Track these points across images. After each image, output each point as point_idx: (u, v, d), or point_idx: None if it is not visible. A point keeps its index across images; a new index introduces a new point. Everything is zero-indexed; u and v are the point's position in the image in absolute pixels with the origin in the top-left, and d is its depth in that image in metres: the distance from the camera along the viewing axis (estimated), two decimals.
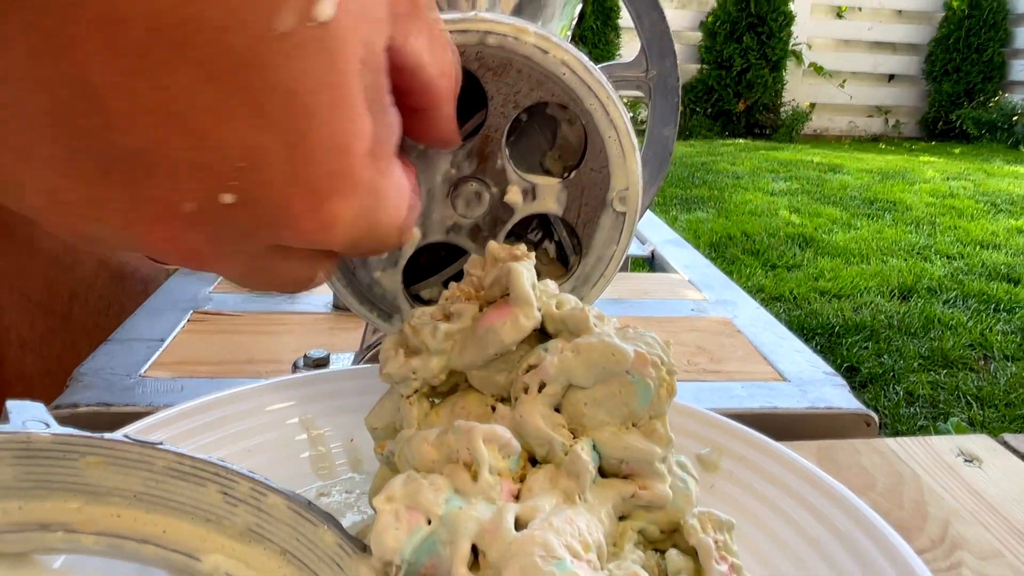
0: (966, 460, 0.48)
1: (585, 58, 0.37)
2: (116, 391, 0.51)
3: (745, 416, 0.52)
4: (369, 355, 0.51)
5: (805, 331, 2.27)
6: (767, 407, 0.53)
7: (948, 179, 4.69)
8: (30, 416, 0.27)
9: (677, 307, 0.74)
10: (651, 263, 0.96)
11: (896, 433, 1.75)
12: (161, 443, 0.26)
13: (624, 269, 0.91)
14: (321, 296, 0.71)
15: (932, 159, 5.65)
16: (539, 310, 0.29)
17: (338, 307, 0.68)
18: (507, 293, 0.30)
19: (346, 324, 0.65)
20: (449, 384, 0.31)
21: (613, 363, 0.27)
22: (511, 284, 0.29)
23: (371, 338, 0.53)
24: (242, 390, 0.43)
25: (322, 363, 0.53)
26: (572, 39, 0.51)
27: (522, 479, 0.27)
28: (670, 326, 0.68)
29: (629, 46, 6.18)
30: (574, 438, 0.28)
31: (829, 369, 0.60)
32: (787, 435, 0.52)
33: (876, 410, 1.84)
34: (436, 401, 0.31)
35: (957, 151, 6.19)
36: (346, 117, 0.19)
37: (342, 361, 0.55)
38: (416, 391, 0.30)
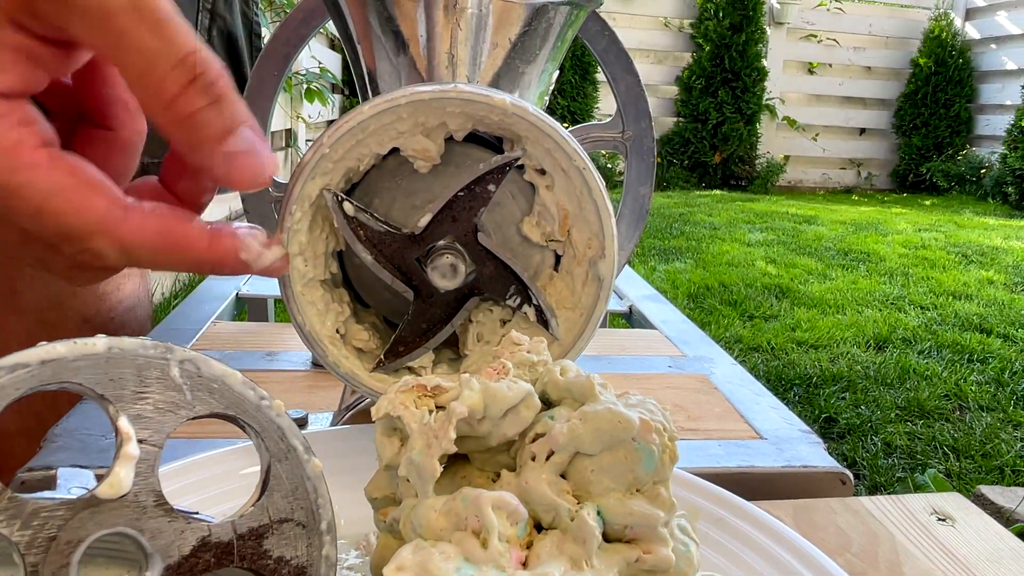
0: (939, 519, 0.49)
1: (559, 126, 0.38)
2: (91, 452, 0.51)
3: (722, 475, 0.52)
4: (348, 415, 0.51)
5: (783, 382, 2.29)
6: (744, 466, 0.54)
7: (920, 230, 4.78)
8: (77, 483, 0.28)
9: (654, 363, 0.74)
10: (629, 318, 0.96)
11: (875, 485, 1.75)
12: (197, 512, 0.26)
13: (602, 325, 0.92)
14: (299, 354, 0.71)
15: (904, 211, 5.76)
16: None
17: (317, 365, 0.68)
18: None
19: (325, 382, 0.65)
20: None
21: (620, 431, 0.28)
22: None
23: (350, 398, 0.53)
24: (219, 452, 0.43)
25: (301, 424, 0.53)
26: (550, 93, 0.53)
27: (529, 546, 0.27)
28: (648, 383, 0.69)
29: (607, 100, 6.30)
30: (578, 503, 0.28)
31: (804, 427, 0.60)
32: (763, 494, 0.52)
33: (854, 462, 1.85)
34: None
35: (928, 203, 6.32)
36: None
37: (321, 422, 0.55)
38: None
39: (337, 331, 0.41)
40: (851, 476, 0.54)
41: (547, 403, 0.31)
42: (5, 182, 0.25)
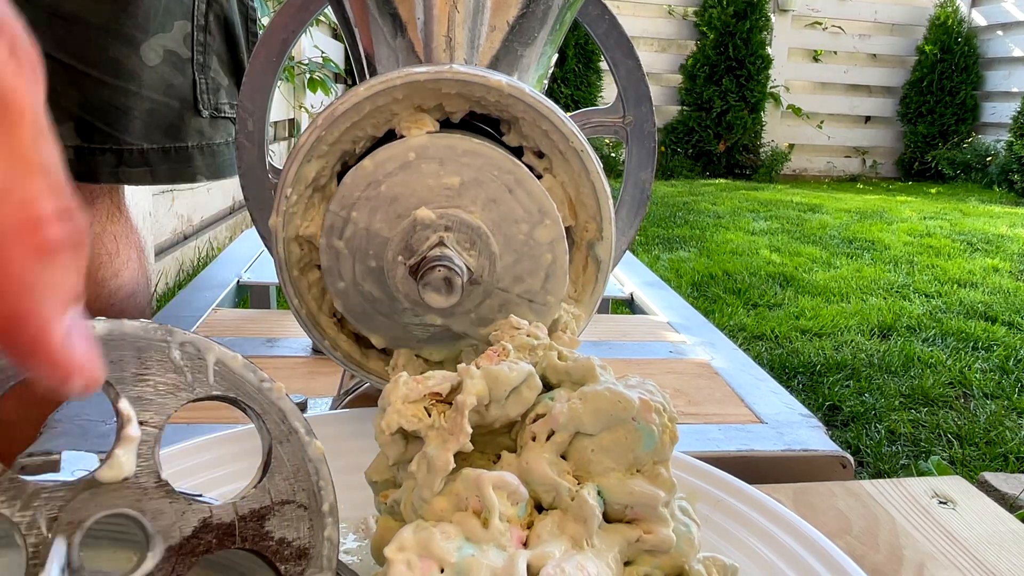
0: (940, 502, 0.49)
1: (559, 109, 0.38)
2: (91, 438, 0.51)
3: (722, 459, 0.52)
4: (347, 400, 0.51)
5: (787, 370, 2.28)
6: (744, 450, 0.53)
7: (925, 218, 4.76)
8: (80, 466, 0.28)
9: (655, 349, 0.74)
10: (631, 305, 0.96)
11: (879, 472, 1.75)
12: (199, 495, 0.26)
13: (604, 311, 0.92)
14: (300, 340, 0.71)
15: (909, 199, 5.74)
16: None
17: (316, 351, 0.68)
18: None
19: (324, 368, 0.65)
20: None
21: (620, 410, 0.28)
22: None
23: (349, 383, 0.53)
24: (220, 436, 0.43)
25: (300, 409, 0.53)
26: (552, 80, 0.52)
27: (529, 526, 0.27)
28: (648, 368, 0.69)
29: (610, 88, 6.28)
30: (579, 484, 0.28)
31: (805, 411, 0.60)
32: (764, 478, 0.52)
33: (858, 449, 1.85)
34: None
35: (933, 191, 6.29)
36: None
37: (320, 407, 0.55)
38: None
39: (335, 315, 0.41)
40: (851, 460, 0.54)
41: (547, 386, 0.31)
42: None
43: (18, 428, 0.65)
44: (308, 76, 3.81)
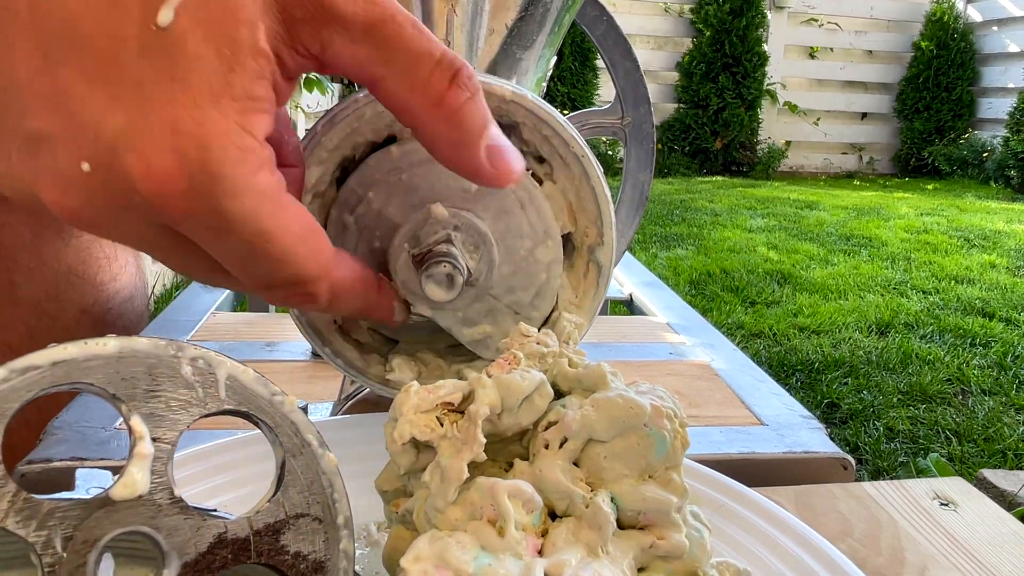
0: (942, 504, 0.49)
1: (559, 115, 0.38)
2: (90, 445, 0.51)
3: (723, 462, 0.52)
4: (347, 405, 0.51)
5: (785, 367, 2.28)
6: (745, 452, 0.53)
7: (922, 215, 4.77)
8: (95, 483, 0.28)
9: (655, 351, 0.74)
10: (629, 306, 0.96)
11: (877, 470, 1.75)
12: (214, 509, 0.26)
13: (603, 312, 0.92)
14: (299, 344, 0.71)
15: (906, 195, 5.75)
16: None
17: (316, 355, 0.68)
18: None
19: (324, 372, 0.64)
20: None
21: (632, 417, 0.28)
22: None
23: (349, 388, 0.53)
24: (221, 443, 0.43)
25: None
26: (550, 79, 0.51)
27: (544, 534, 0.27)
28: (648, 370, 0.69)
29: (607, 86, 6.28)
30: (592, 491, 0.28)
31: (806, 412, 0.60)
32: (765, 480, 0.52)
33: (857, 446, 1.85)
34: None
35: (930, 187, 6.30)
36: (183, 104, 0.22)
37: (320, 411, 0.55)
38: None
39: (335, 322, 0.40)
40: (852, 461, 0.54)
41: (558, 393, 0.31)
42: (267, 227, 0.24)
43: (17, 435, 0.65)
44: (304, 76, 3.81)
